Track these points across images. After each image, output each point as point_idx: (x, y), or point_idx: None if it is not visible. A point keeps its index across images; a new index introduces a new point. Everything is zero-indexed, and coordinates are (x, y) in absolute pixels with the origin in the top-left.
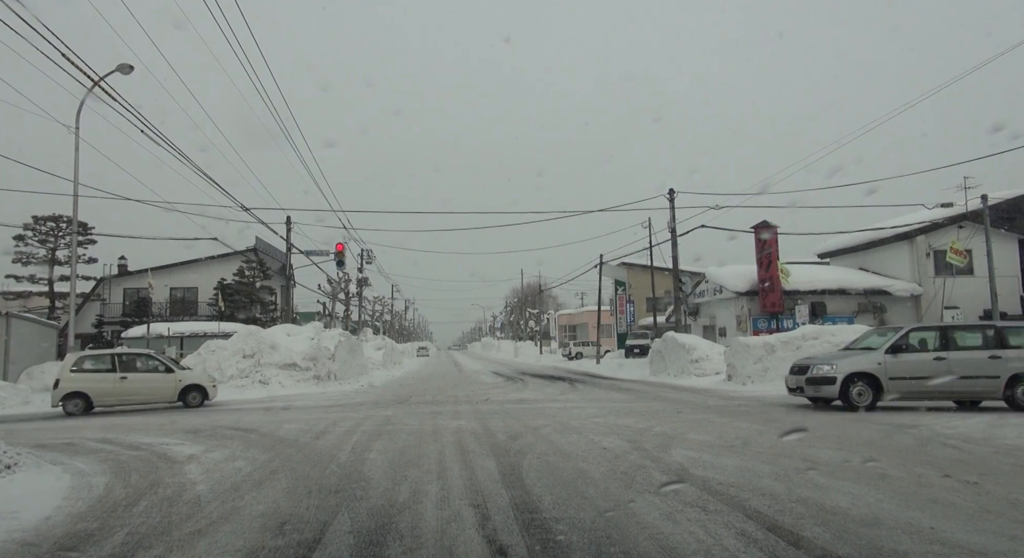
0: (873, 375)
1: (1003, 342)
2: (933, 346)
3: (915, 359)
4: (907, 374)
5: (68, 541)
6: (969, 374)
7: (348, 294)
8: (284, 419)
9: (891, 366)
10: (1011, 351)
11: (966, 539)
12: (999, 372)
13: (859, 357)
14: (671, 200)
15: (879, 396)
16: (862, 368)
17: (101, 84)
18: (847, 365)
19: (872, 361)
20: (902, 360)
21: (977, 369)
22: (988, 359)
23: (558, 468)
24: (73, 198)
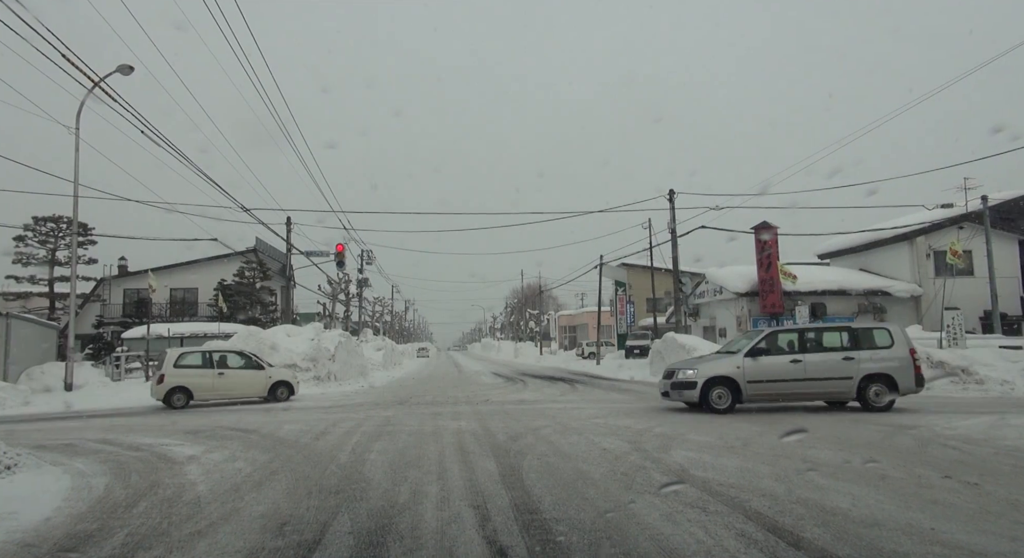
0: (732, 379)
1: (858, 344)
2: (791, 349)
3: (773, 362)
4: (765, 377)
5: (68, 542)
6: (824, 376)
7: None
8: (284, 420)
9: (750, 369)
10: (864, 352)
11: (966, 540)
12: (852, 373)
13: (720, 361)
14: (671, 201)
15: (738, 399)
16: (721, 372)
17: (101, 85)
18: (707, 369)
19: (731, 365)
20: (761, 363)
21: (832, 371)
22: (842, 360)
23: (558, 469)
24: (73, 199)
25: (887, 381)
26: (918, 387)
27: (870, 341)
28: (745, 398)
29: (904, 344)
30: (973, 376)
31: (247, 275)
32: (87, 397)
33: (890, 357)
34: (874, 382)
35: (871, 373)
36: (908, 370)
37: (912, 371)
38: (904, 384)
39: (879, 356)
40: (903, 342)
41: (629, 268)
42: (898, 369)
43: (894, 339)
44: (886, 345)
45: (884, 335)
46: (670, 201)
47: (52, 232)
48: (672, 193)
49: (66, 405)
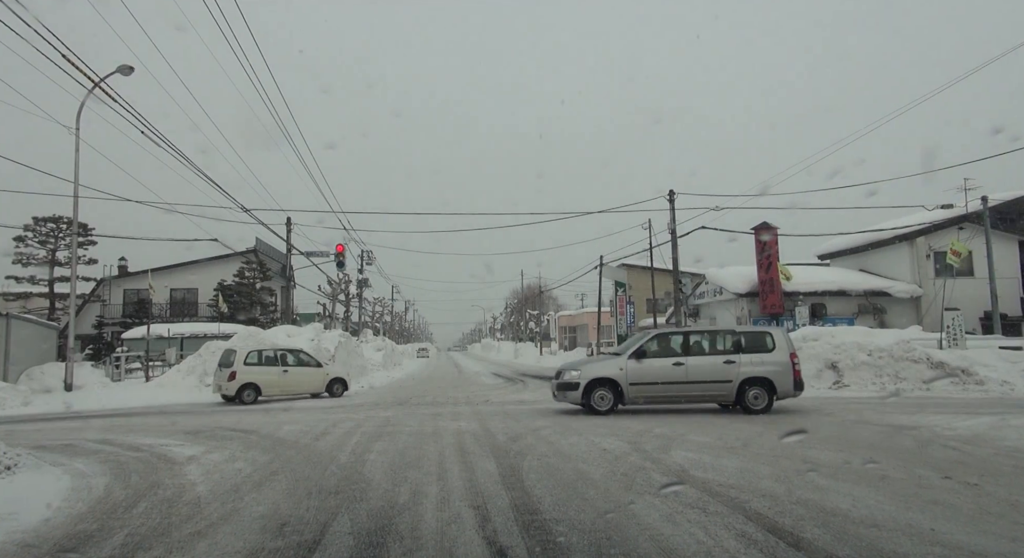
0: (615, 380)
1: (741, 348)
2: (674, 351)
3: (656, 364)
4: (647, 379)
5: (68, 542)
6: (705, 379)
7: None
8: (284, 420)
9: (632, 371)
10: (746, 356)
11: (966, 541)
12: (732, 377)
13: (604, 363)
14: (671, 201)
15: (621, 401)
16: (604, 374)
17: (101, 85)
18: (590, 371)
19: (615, 367)
20: (644, 365)
21: (713, 374)
22: (723, 364)
23: (558, 469)
24: (73, 199)
25: (766, 385)
26: (796, 391)
27: (753, 345)
28: (627, 400)
29: (786, 349)
30: (973, 377)
31: (247, 275)
32: (87, 398)
33: (771, 361)
34: (753, 386)
35: (751, 377)
36: (787, 375)
37: (791, 376)
38: (783, 388)
39: (760, 360)
40: (784, 347)
41: (629, 269)
42: (777, 373)
43: (776, 344)
44: (768, 349)
45: (767, 339)
46: (670, 202)
47: (52, 232)
48: (672, 194)
49: (66, 405)
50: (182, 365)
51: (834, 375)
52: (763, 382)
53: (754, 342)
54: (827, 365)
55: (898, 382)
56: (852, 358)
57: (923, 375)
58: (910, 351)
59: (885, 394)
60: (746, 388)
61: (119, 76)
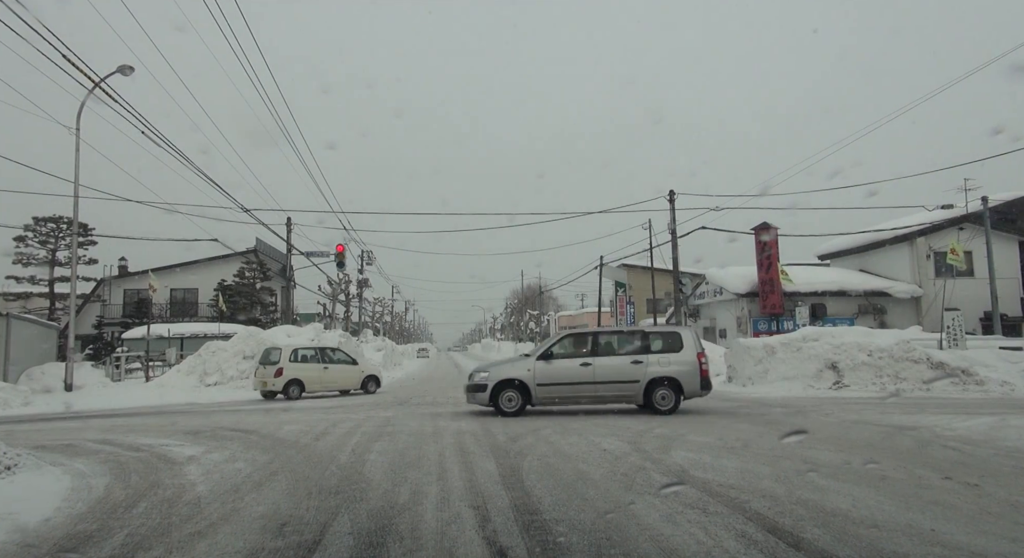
0: (523, 382)
1: (649, 348)
2: (583, 352)
3: (564, 365)
4: (554, 380)
5: (68, 542)
6: (613, 379)
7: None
8: (284, 420)
9: (540, 373)
10: (653, 356)
11: (967, 541)
12: (639, 377)
13: (513, 364)
14: (671, 202)
15: (529, 402)
16: (512, 375)
17: (102, 85)
18: (498, 373)
19: (523, 368)
20: (553, 367)
21: (620, 374)
22: (631, 364)
23: (558, 470)
24: (74, 199)
25: (673, 385)
26: (703, 391)
27: (662, 346)
28: (535, 401)
29: (693, 349)
30: (973, 377)
31: (247, 275)
32: (87, 398)
33: (678, 361)
34: (660, 386)
35: (658, 377)
36: (695, 374)
37: (698, 375)
38: (689, 388)
39: (667, 360)
40: (692, 347)
41: (629, 269)
42: (685, 373)
43: (684, 344)
44: (676, 349)
45: (675, 340)
46: (670, 202)
47: (52, 232)
48: (672, 194)
49: (66, 405)
50: (182, 365)
51: (834, 375)
52: (670, 382)
53: (663, 342)
54: (827, 365)
55: (898, 382)
56: (852, 358)
57: (923, 375)
58: (910, 351)
59: (885, 394)
60: (653, 388)
61: (119, 76)
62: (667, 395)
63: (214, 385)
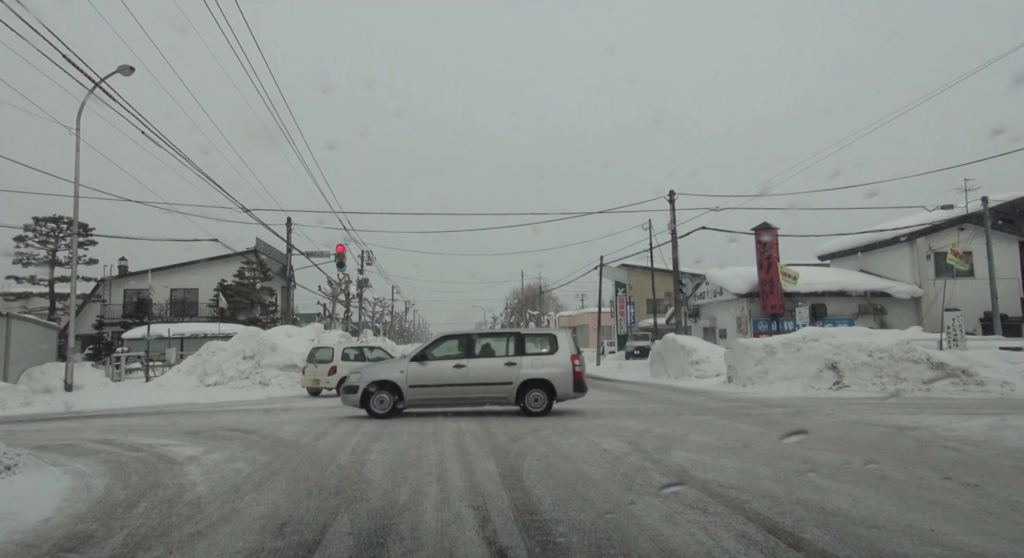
0: (395, 383)
1: (523, 350)
2: (457, 354)
3: (437, 367)
4: (427, 382)
5: (68, 542)
6: (486, 381)
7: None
8: (284, 420)
9: (413, 374)
10: (527, 358)
11: (967, 541)
12: (512, 378)
13: (386, 366)
14: (671, 202)
15: (401, 404)
16: (384, 377)
17: (102, 85)
18: (371, 374)
19: (396, 370)
20: (426, 368)
21: (493, 376)
22: (504, 366)
23: (558, 470)
24: (74, 199)
25: (546, 387)
26: (577, 392)
27: (536, 348)
28: (406, 403)
29: (568, 351)
30: (973, 377)
31: (247, 275)
32: (87, 398)
33: (551, 363)
34: (533, 388)
35: (531, 379)
36: (567, 376)
37: (571, 377)
38: (562, 390)
39: (541, 362)
40: (567, 349)
41: (629, 269)
42: (558, 375)
43: (559, 346)
44: (550, 352)
45: (550, 342)
46: (670, 202)
47: (52, 232)
48: (672, 194)
49: (66, 405)
50: (182, 365)
51: (834, 376)
52: (543, 384)
53: (538, 344)
54: (827, 366)
55: (898, 383)
56: (852, 359)
57: (923, 376)
58: (910, 352)
59: (885, 395)
60: (526, 390)
61: (119, 76)
62: (539, 397)
63: (214, 385)
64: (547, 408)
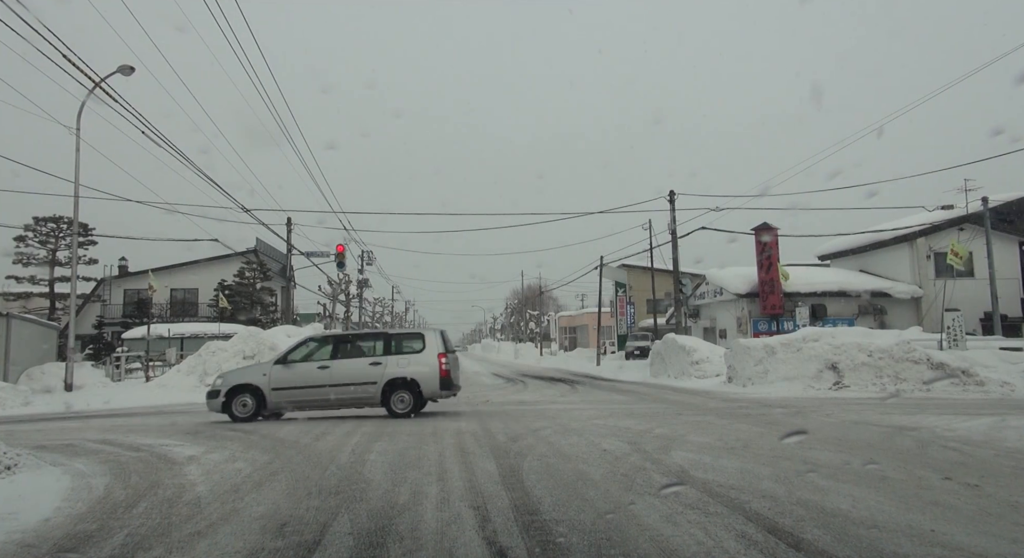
0: (258, 387)
1: (390, 350)
2: (323, 355)
3: (302, 369)
4: (291, 384)
5: (68, 542)
6: (350, 382)
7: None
8: (284, 420)
9: (276, 377)
10: (393, 358)
11: (967, 542)
12: (377, 379)
13: (250, 369)
14: (671, 202)
15: (263, 408)
16: (246, 380)
17: (102, 85)
18: (233, 378)
19: (259, 373)
20: (290, 371)
21: (358, 377)
22: (370, 366)
23: (558, 470)
24: (74, 199)
25: (411, 386)
26: (444, 391)
27: (404, 347)
28: (269, 406)
29: (435, 350)
30: (973, 378)
31: (247, 276)
32: (87, 398)
33: (418, 363)
34: (398, 387)
35: (396, 378)
36: (434, 376)
37: (438, 376)
38: (429, 389)
39: (407, 362)
40: (434, 348)
41: (629, 269)
42: (424, 374)
43: (426, 345)
44: (417, 351)
45: (417, 341)
46: (670, 202)
47: (52, 232)
48: (672, 194)
49: (66, 405)
50: (182, 365)
51: (834, 376)
52: (409, 383)
53: (405, 344)
54: (827, 366)
55: (898, 383)
56: (852, 359)
57: (923, 376)
58: (910, 352)
59: (885, 395)
60: (391, 390)
61: (119, 76)
62: (405, 397)
63: None
64: (413, 408)
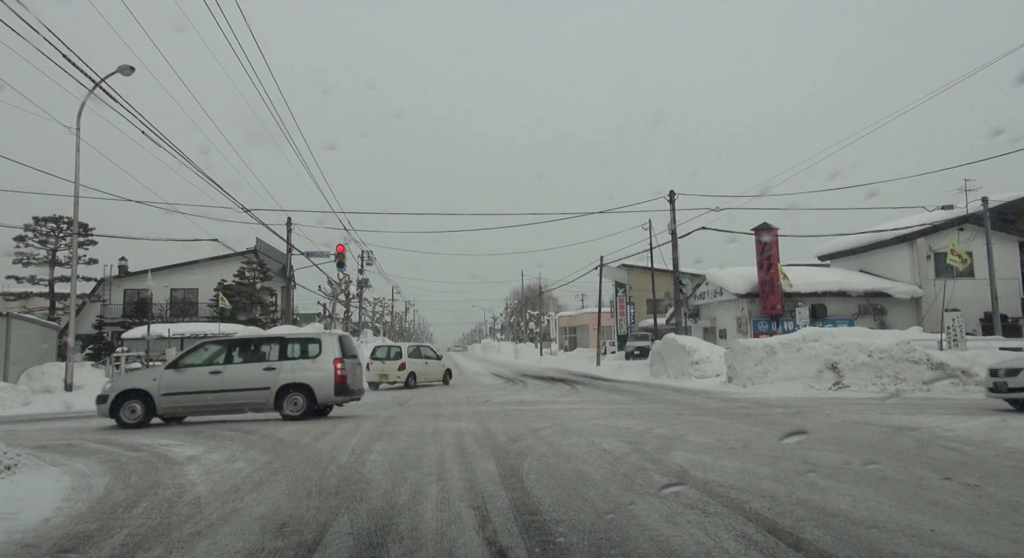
0: (147, 392)
1: (286, 354)
2: (216, 360)
3: (194, 374)
4: (182, 389)
5: (68, 542)
6: (243, 387)
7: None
8: (284, 420)
9: (167, 382)
10: (288, 362)
11: (966, 542)
12: (270, 384)
13: (140, 375)
14: (671, 202)
15: (154, 413)
16: (135, 385)
17: (102, 85)
18: (122, 383)
19: (149, 378)
20: (183, 375)
21: (251, 382)
22: (263, 371)
23: (558, 470)
24: (74, 199)
25: (305, 391)
26: (339, 396)
27: (299, 352)
28: (159, 411)
29: (331, 355)
30: (973, 378)
31: (247, 275)
32: (87, 397)
33: (313, 367)
34: (292, 392)
35: (290, 383)
36: (328, 380)
37: (333, 381)
38: (323, 394)
39: (302, 366)
40: (330, 353)
41: (629, 269)
42: (318, 379)
43: (323, 350)
44: (313, 356)
45: (314, 347)
46: (670, 202)
47: (52, 232)
48: (672, 194)
49: (66, 405)
50: None
51: (834, 376)
52: (302, 388)
53: (301, 349)
54: (827, 366)
55: (898, 383)
56: (852, 359)
57: (923, 376)
58: (910, 352)
59: (885, 395)
60: (284, 394)
61: (119, 76)
62: (298, 401)
63: None
64: (306, 412)
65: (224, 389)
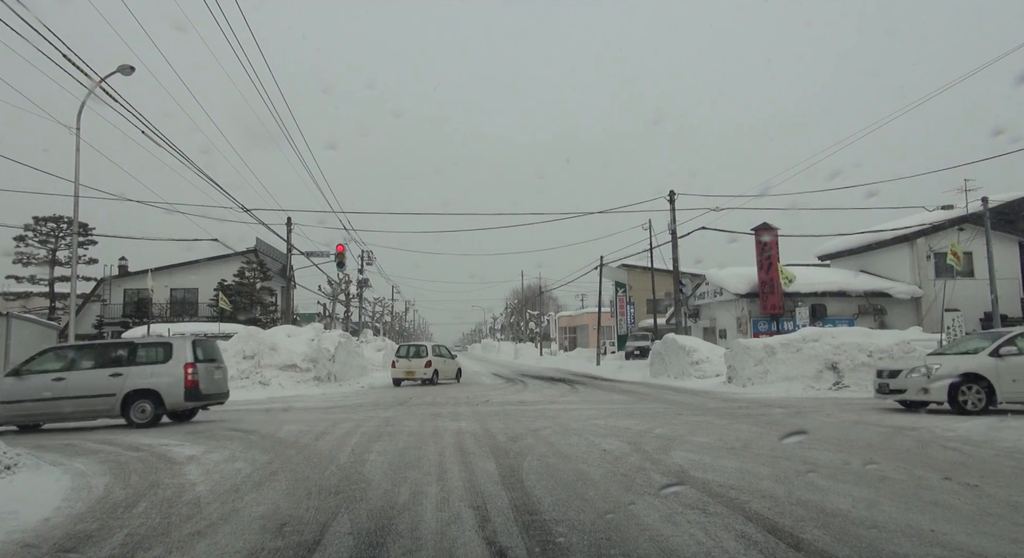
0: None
1: (135, 359)
2: (59, 367)
3: (35, 381)
4: (22, 397)
5: (67, 542)
6: (87, 394)
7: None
8: (284, 420)
9: (7, 390)
10: (136, 368)
11: (966, 542)
12: (117, 390)
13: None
14: (671, 202)
15: None
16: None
17: (102, 85)
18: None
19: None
20: (24, 383)
21: (96, 388)
22: (109, 377)
23: (558, 470)
24: (74, 199)
25: (153, 397)
26: (189, 402)
27: (148, 357)
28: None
29: (182, 360)
30: None
31: (247, 275)
32: None
33: (162, 373)
34: (139, 398)
35: (137, 389)
36: (178, 386)
37: (183, 387)
38: (172, 400)
39: (151, 372)
40: (182, 358)
41: (629, 269)
42: (167, 385)
43: (173, 355)
44: (163, 361)
45: (164, 351)
46: (670, 202)
47: (52, 232)
48: (672, 194)
49: None
50: None
51: (834, 376)
52: (150, 394)
53: (150, 354)
54: (827, 366)
55: None
56: (852, 359)
57: None
58: (910, 352)
59: None
60: (132, 401)
61: (120, 76)
62: (146, 408)
63: None
64: (154, 419)
65: (67, 396)
